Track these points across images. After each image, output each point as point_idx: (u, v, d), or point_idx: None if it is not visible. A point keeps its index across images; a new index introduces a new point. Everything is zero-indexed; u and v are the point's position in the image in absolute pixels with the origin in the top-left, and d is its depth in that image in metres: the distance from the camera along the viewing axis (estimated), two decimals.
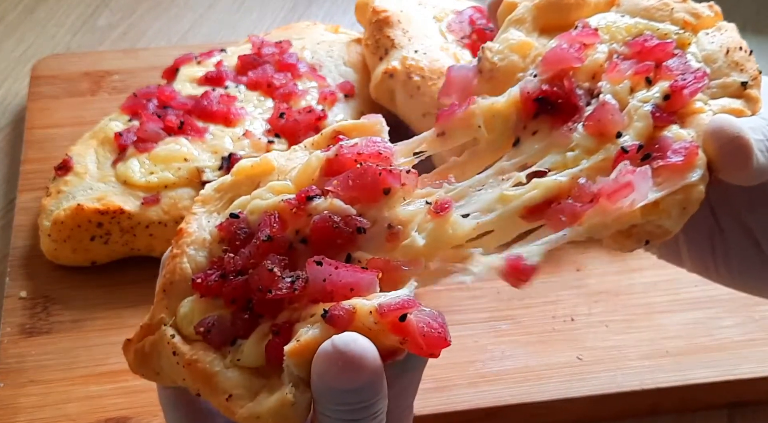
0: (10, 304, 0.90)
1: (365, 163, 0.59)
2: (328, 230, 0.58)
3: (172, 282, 0.61)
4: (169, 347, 0.59)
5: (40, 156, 1.04)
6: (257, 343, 0.57)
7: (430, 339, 0.52)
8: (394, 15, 1.00)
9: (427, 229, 0.58)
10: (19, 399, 0.82)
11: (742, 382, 0.84)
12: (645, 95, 0.62)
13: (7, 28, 1.29)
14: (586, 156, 0.60)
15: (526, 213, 0.59)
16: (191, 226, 0.63)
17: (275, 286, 0.56)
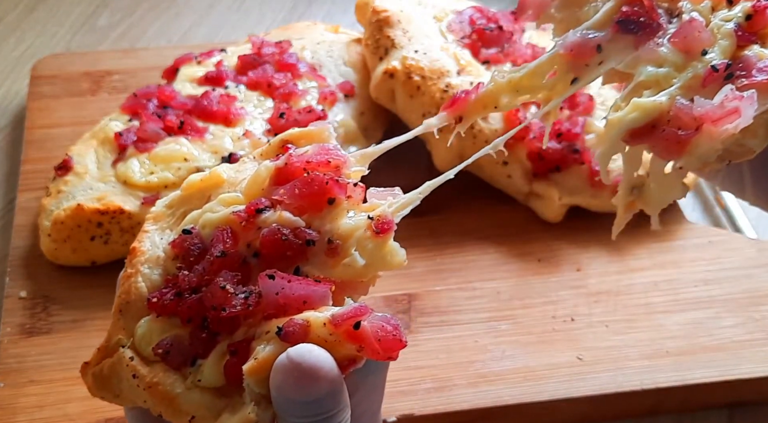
0: (10, 304, 0.90)
1: (313, 172, 0.59)
2: (278, 243, 0.57)
3: (128, 302, 0.60)
4: (128, 370, 0.59)
5: (40, 156, 1.04)
6: (216, 363, 0.57)
7: (386, 342, 0.53)
8: (394, 15, 1.00)
9: (367, 249, 0.58)
10: (19, 399, 0.82)
11: (742, 382, 0.84)
12: (727, 14, 0.62)
13: (7, 28, 1.29)
14: (676, 73, 0.60)
15: (628, 136, 0.59)
16: (144, 244, 0.62)
17: (229, 304, 0.56)
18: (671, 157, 0.59)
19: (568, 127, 0.95)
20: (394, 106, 0.99)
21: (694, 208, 1.05)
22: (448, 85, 0.96)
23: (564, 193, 0.96)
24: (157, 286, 0.60)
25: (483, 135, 0.95)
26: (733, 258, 0.94)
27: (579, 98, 0.97)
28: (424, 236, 0.97)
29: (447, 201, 1.01)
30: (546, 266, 0.94)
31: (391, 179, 1.01)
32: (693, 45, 0.61)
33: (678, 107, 0.58)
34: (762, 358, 0.85)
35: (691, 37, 0.61)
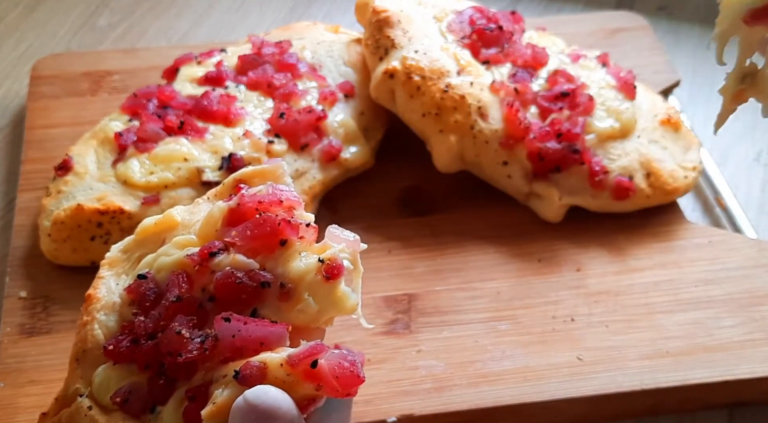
0: (10, 304, 0.90)
1: (265, 213, 0.59)
2: (232, 286, 0.57)
3: (84, 350, 0.60)
4: (87, 420, 0.58)
5: (40, 156, 1.04)
6: (175, 409, 0.56)
7: (344, 379, 0.53)
8: (394, 15, 1.00)
9: (320, 294, 0.57)
10: (19, 399, 0.82)
11: (742, 382, 0.84)
12: None
13: (7, 28, 1.29)
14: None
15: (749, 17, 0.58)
16: (100, 290, 0.62)
17: (185, 349, 0.56)
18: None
19: (568, 127, 0.95)
20: (394, 106, 0.99)
21: (694, 209, 1.05)
22: (448, 85, 0.96)
23: (564, 193, 0.96)
24: (114, 332, 0.60)
25: (483, 135, 0.95)
26: (733, 258, 0.94)
27: (579, 98, 0.97)
28: (424, 236, 0.97)
29: (447, 201, 1.01)
30: (546, 266, 0.94)
31: (392, 178, 1.02)
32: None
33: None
34: (762, 358, 0.85)
35: None
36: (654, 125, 1.01)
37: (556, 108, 0.97)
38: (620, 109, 0.98)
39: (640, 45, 1.19)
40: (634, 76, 1.02)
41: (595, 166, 0.95)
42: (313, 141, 0.97)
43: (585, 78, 1.00)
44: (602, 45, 1.18)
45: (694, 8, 1.34)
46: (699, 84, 1.23)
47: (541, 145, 0.94)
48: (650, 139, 0.99)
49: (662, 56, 1.18)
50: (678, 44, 1.28)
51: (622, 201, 0.96)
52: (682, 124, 1.03)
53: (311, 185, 0.96)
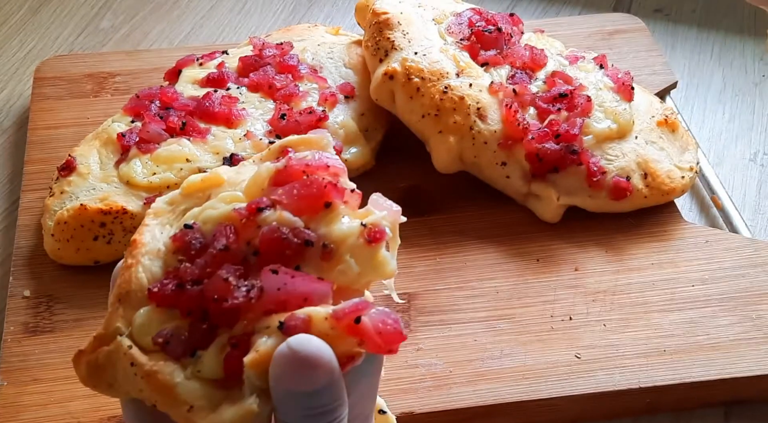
0: (13, 303, 0.90)
1: (312, 175, 0.60)
2: (277, 241, 0.58)
3: (128, 292, 0.60)
4: (125, 358, 0.59)
5: (44, 156, 1.05)
6: (216, 355, 0.57)
7: (386, 335, 0.54)
8: (393, 17, 1.01)
9: (362, 257, 0.58)
10: (22, 397, 0.82)
11: (739, 380, 0.84)
12: None
13: (10, 30, 1.30)
14: None
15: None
16: (145, 236, 0.63)
17: (231, 295, 0.56)
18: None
19: (567, 128, 0.96)
20: (393, 108, 1.00)
21: (691, 209, 1.05)
22: (448, 87, 0.97)
23: (562, 193, 0.97)
24: (157, 278, 0.61)
25: (482, 136, 0.96)
26: (729, 258, 0.95)
27: (577, 100, 0.98)
28: (424, 236, 0.97)
29: (447, 201, 1.02)
30: (544, 266, 0.95)
31: (392, 179, 1.02)
32: None
33: None
34: (758, 357, 0.86)
35: None
36: (651, 126, 1.01)
37: (554, 109, 0.97)
38: (618, 110, 0.99)
39: (638, 47, 1.20)
40: (631, 78, 1.03)
41: (592, 167, 0.96)
42: None
43: (583, 79, 1.01)
44: (600, 47, 1.18)
45: (691, 10, 1.35)
46: (696, 85, 1.24)
47: (540, 146, 0.95)
48: (647, 140, 1.00)
49: (659, 58, 1.18)
50: (675, 46, 1.29)
51: (620, 201, 0.97)
52: (679, 125, 1.03)
53: None
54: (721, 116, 1.19)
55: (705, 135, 1.17)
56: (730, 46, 1.29)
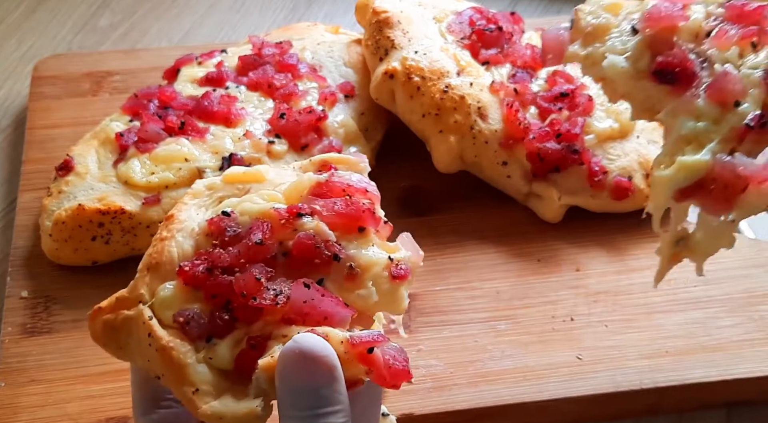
0: (11, 304, 0.90)
1: (353, 197, 0.63)
2: (310, 249, 0.61)
3: (158, 263, 0.63)
4: (144, 328, 0.61)
5: (42, 156, 1.04)
6: (230, 348, 0.60)
7: (394, 371, 0.56)
8: (394, 16, 1.01)
9: (383, 289, 0.61)
10: (20, 398, 0.82)
11: (741, 381, 0.84)
12: (755, 61, 0.65)
13: (8, 29, 1.30)
14: (714, 126, 0.63)
15: (677, 195, 0.63)
16: (182, 213, 0.65)
17: (259, 295, 0.59)
18: (720, 213, 0.63)
19: (568, 127, 0.95)
20: (394, 107, 0.99)
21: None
22: (448, 86, 0.96)
23: (563, 193, 0.96)
24: (188, 255, 0.63)
25: (483, 135, 0.96)
26: (731, 258, 0.94)
27: (578, 99, 0.97)
28: (424, 236, 0.97)
29: (447, 201, 1.01)
30: (545, 266, 0.94)
31: (392, 179, 1.02)
32: (727, 98, 0.64)
33: (722, 164, 0.62)
34: (760, 358, 0.85)
35: (727, 90, 0.64)
36: (653, 126, 1.01)
37: (555, 108, 0.97)
38: (619, 109, 0.99)
39: None
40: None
41: (594, 167, 0.95)
42: (314, 141, 0.98)
43: (584, 78, 1.01)
44: None
45: None
46: None
47: (541, 145, 0.95)
48: (649, 140, 1.00)
49: None
50: None
51: (621, 201, 0.97)
52: None
53: None
54: None
55: None
56: None
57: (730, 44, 0.66)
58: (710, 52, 0.67)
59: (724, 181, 0.63)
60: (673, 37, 0.68)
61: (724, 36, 0.67)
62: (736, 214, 0.64)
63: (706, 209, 0.65)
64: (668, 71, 0.66)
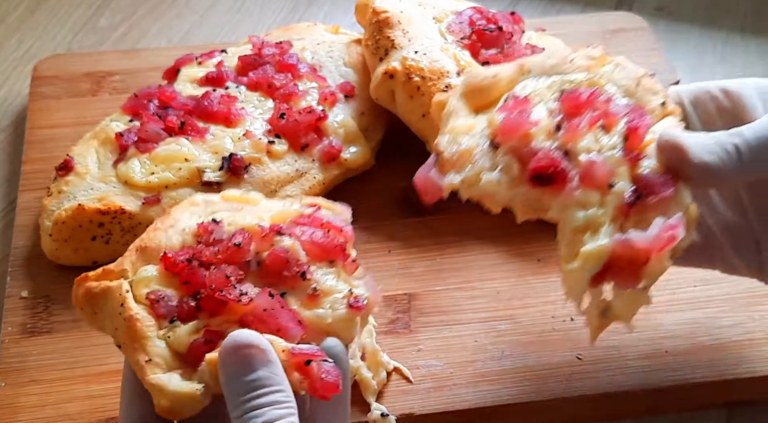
0: (11, 304, 0.90)
1: (330, 231, 0.73)
2: (282, 261, 0.69)
3: (147, 247, 0.72)
4: (119, 298, 0.69)
5: (41, 156, 1.04)
6: (188, 334, 0.67)
7: (325, 383, 0.64)
8: (394, 16, 1.01)
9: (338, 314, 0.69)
10: (20, 398, 0.82)
11: (741, 381, 0.84)
12: (610, 143, 0.72)
13: (8, 29, 1.30)
14: (600, 211, 0.70)
15: (592, 282, 0.70)
16: (178, 213, 0.74)
17: (226, 290, 0.68)
18: (631, 286, 0.70)
19: None
20: (394, 107, 1.00)
21: None
22: (448, 86, 0.96)
23: None
24: (174, 248, 0.71)
25: None
26: None
27: None
28: (424, 236, 0.97)
29: (447, 201, 1.01)
30: (545, 266, 0.94)
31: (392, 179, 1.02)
32: (601, 182, 0.71)
33: (620, 244, 0.68)
34: (760, 358, 0.85)
35: (597, 176, 0.71)
36: None
37: None
38: None
39: (639, 45, 1.19)
40: None
41: None
42: (314, 141, 0.98)
43: None
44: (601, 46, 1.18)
45: (693, 9, 1.35)
46: None
47: None
48: None
49: (661, 57, 1.18)
50: (677, 45, 1.29)
51: None
52: None
53: (311, 185, 0.97)
54: None
55: None
56: (731, 45, 1.29)
57: (582, 135, 0.72)
58: (569, 146, 0.72)
59: (627, 257, 0.68)
60: (531, 141, 0.73)
61: (575, 129, 0.73)
62: (645, 283, 0.70)
63: (619, 285, 0.70)
64: (543, 175, 0.72)
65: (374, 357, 0.82)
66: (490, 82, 0.78)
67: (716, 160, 0.69)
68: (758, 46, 1.28)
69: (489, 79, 0.78)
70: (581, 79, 0.77)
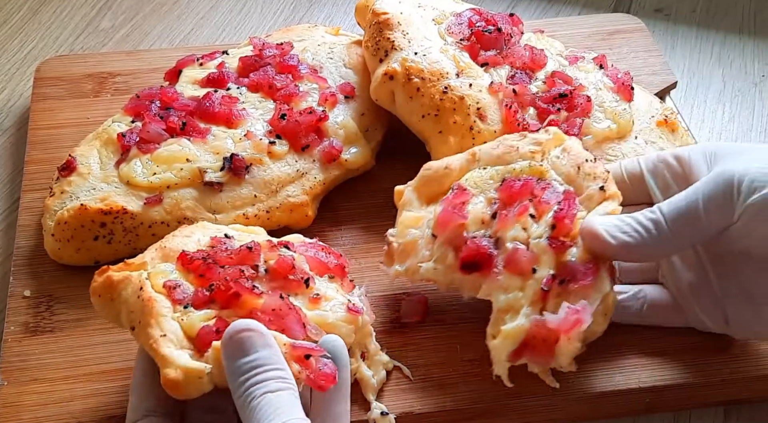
0: (14, 303, 0.91)
1: (330, 254, 0.82)
2: (288, 267, 0.77)
3: (166, 247, 0.79)
4: (138, 284, 0.76)
5: (44, 156, 1.05)
6: (199, 320, 0.73)
7: (322, 375, 0.70)
8: (393, 17, 1.01)
9: (339, 315, 0.77)
10: (22, 397, 0.83)
11: (738, 380, 0.85)
12: (537, 231, 0.79)
13: (11, 30, 1.30)
14: (521, 294, 0.78)
15: (511, 357, 0.77)
16: (191, 229, 0.83)
17: (241, 280, 0.74)
18: (546, 364, 0.78)
19: (566, 128, 0.96)
20: (394, 108, 1.00)
21: None
22: (447, 87, 0.97)
23: None
24: (191, 252, 0.79)
25: (482, 136, 0.96)
26: None
27: (577, 100, 0.98)
28: None
29: None
30: None
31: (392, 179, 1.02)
32: (523, 269, 0.78)
33: (536, 324, 0.76)
34: (757, 357, 0.86)
35: (520, 263, 0.78)
36: (651, 127, 1.02)
37: (554, 109, 0.98)
38: (617, 110, 0.99)
39: (637, 47, 1.20)
40: (631, 78, 1.03)
41: None
42: (314, 142, 0.98)
43: (582, 80, 1.01)
44: (599, 47, 1.19)
45: (691, 10, 1.35)
46: (695, 85, 1.24)
47: None
48: (647, 140, 1.00)
49: (659, 58, 1.19)
50: (674, 46, 1.30)
51: None
52: (678, 125, 1.03)
53: (312, 186, 0.97)
54: (720, 116, 1.19)
55: (705, 135, 1.17)
56: (730, 46, 1.29)
57: (512, 224, 0.80)
58: (500, 234, 0.80)
59: (541, 337, 0.76)
60: (464, 232, 0.81)
61: (504, 219, 0.80)
62: (557, 363, 0.77)
63: (534, 362, 0.78)
64: (470, 263, 0.80)
65: (374, 356, 0.83)
66: (442, 174, 0.87)
67: (633, 240, 0.76)
68: (756, 48, 1.29)
69: (441, 171, 0.87)
70: (524, 167, 0.84)
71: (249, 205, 0.94)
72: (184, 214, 0.92)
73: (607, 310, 0.77)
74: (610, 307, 0.77)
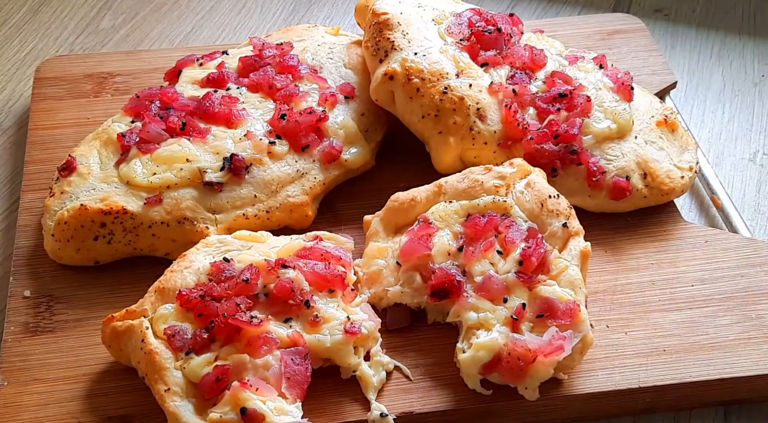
0: (14, 303, 0.91)
1: (330, 262, 0.83)
2: (287, 291, 0.80)
3: (165, 288, 0.82)
4: (140, 334, 0.79)
5: (44, 157, 1.05)
6: (200, 366, 0.77)
7: None
8: (393, 17, 1.01)
9: (336, 339, 0.79)
10: (23, 397, 0.83)
11: (738, 380, 0.85)
12: (504, 267, 0.83)
13: (11, 31, 1.30)
14: (492, 314, 0.81)
15: (482, 370, 0.79)
16: (193, 255, 0.85)
17: (237, 315, 0.77)
18: (516, 382, 0.79)
19: (566, 128, 0.96)
20: (393, 108, 1.00)
21: (691, 209, 1.06)
22: (447, 87, 0.97)
23: (562, 193, 0.97)
24: (188, 287, 0.81)
25: (482, 136, 0.96)
26: (729, 257, 0.95)
27: (577, 100, 0.98)
28: None
29: None
30: None
31: (392, 179, 1.03)
32: (495, 296, 0.82)
33: (513, 341, 0.78)
34: (758, 357, 0.86)
35: (491, 290, 0.82)
36: (651, 126, 1.02)
37: (553, 109, 0.98)
38: (617, 110, 0.99)
39: (637, 47, 1.20)
40: (631, 78, 1.03)
41: (592, 167, 0.96)
42: (314, 142, 0.98)
43: (582, 80, 1.01)
44: (599, 47, 1.19)
45: (691, 10, 1.35)
46: (695, 85, 1.24)
47: (539, 146, 0.95)
48: (647, 140, 1.00)
49: (659, 58, 1.19)
50: (674, 46, 1.30)
51: (619, 201, 0.97)
52: (678, 125, 1.04)
53: (312, 186, 0.97)
54: (720, 116, 1.19)
55: (704, 135, 1.17)
56: (729, 46, 1.29)
57: (478, 260, 0.83)
58: (466, 268, 0.84)
59: (517, 354, 0.78)
60: (429, 262, 0.85)
61: (471, 255, 0.84)
62: (529, 383, 0.79)
63: (505, 380, 0.79)
64: (440, 290, 0.83)
65: (374, 356, 0.83)
66: (408, 206, 0.90)
67: None
68: (755, 48, 1.29)
69: (407, 203, 0.90)
70: (488, 202, 0.87)
71: (249, 205, 0.94)
72: (184, 214, 0.92)
73: (584, 349, 0.81)
74: (587, 346, 0.81)
